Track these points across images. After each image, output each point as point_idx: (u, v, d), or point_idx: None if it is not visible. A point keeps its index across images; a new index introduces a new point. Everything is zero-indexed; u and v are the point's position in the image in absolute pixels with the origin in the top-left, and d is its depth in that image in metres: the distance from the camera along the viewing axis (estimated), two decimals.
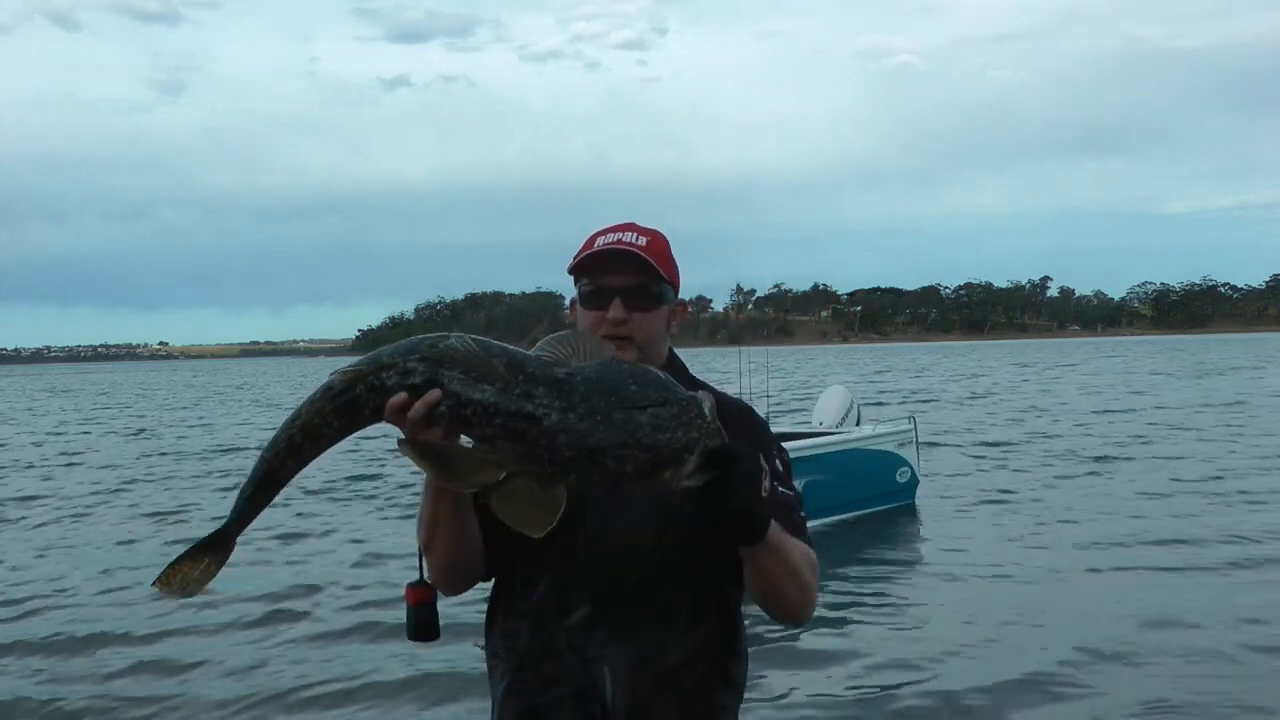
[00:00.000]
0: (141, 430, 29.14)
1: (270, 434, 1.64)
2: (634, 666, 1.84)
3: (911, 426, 12.58)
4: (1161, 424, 21.45)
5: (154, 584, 1.65)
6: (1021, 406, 28.28)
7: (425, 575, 1.95)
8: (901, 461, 12.17)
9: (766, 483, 1.60)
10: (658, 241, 1.95)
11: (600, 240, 1.93)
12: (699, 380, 1.92)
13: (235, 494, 1.65)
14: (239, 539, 1.66)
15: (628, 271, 1.90)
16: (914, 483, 12.42)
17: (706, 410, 1.48)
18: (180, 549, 1.63)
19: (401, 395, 1.55)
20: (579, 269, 1.94)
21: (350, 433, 1.63)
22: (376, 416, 1.59)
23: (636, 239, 1.92)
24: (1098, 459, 16.19)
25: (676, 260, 2.00)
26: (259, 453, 1.63)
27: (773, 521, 1.69)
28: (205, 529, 1.73)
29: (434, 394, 1.54)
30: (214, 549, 1.65)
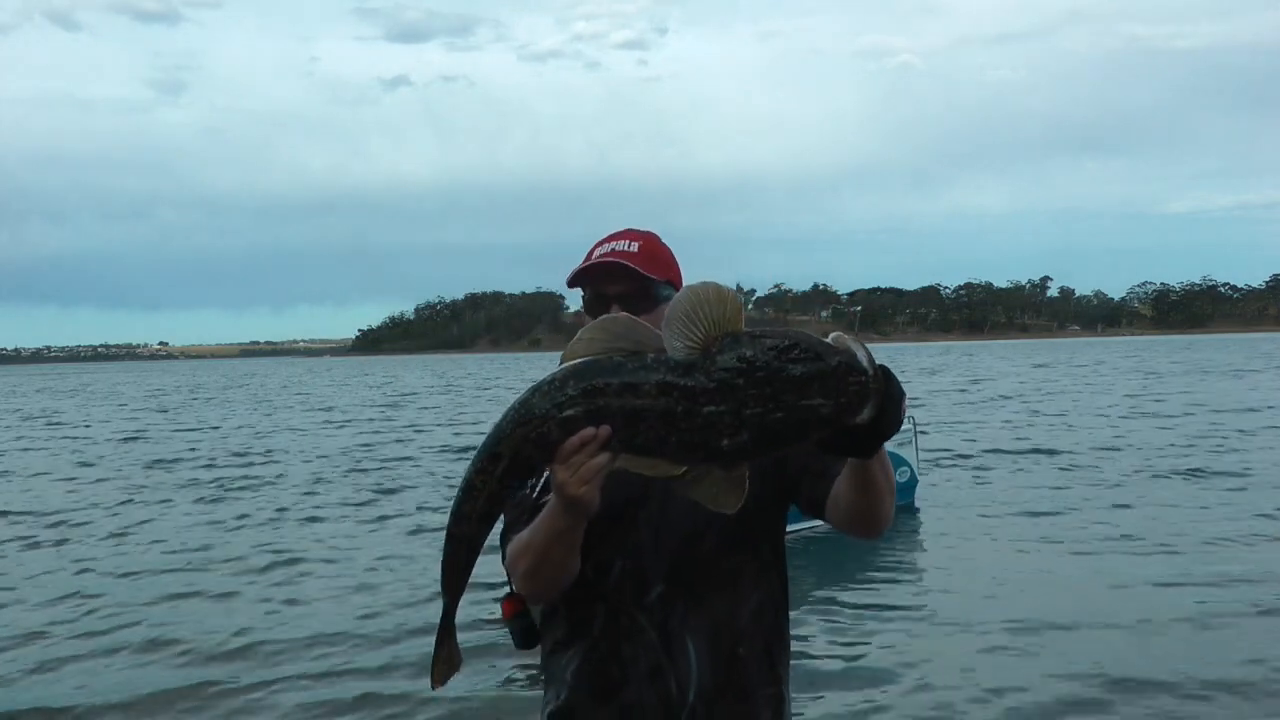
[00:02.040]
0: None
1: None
2: (712, 635, 1.93)
3: (911, 426, 12.61)
4: (1187, 431, 20.78)
5: (434, 686, 1.84)
6: (1045, 409, 28.00)
7: (514, 587, 1.98)
8: (901, 461, 12.18)
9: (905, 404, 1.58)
10: (649, 244, 2.05)
11: (597, 252, 2.04)
12: None
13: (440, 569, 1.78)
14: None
15: (624, 279, 2.00)
16: (913, 482, 12.44)
17: (864, 360, 1.46)
18: None
19: (572, 441, 1.56)
20: (579, 282, 2.05)
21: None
22: (548, 463, 1.62)
23: (629, 246, 2.03)
24: (1110, 462, 15.94)
25: (675, 256, 2.10)
26: (447, 527, 1.71)
27: None
28: None
29: (604, 431, 1.54)
30: (448, 632, 1.82)
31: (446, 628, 1.80)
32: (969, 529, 11.05)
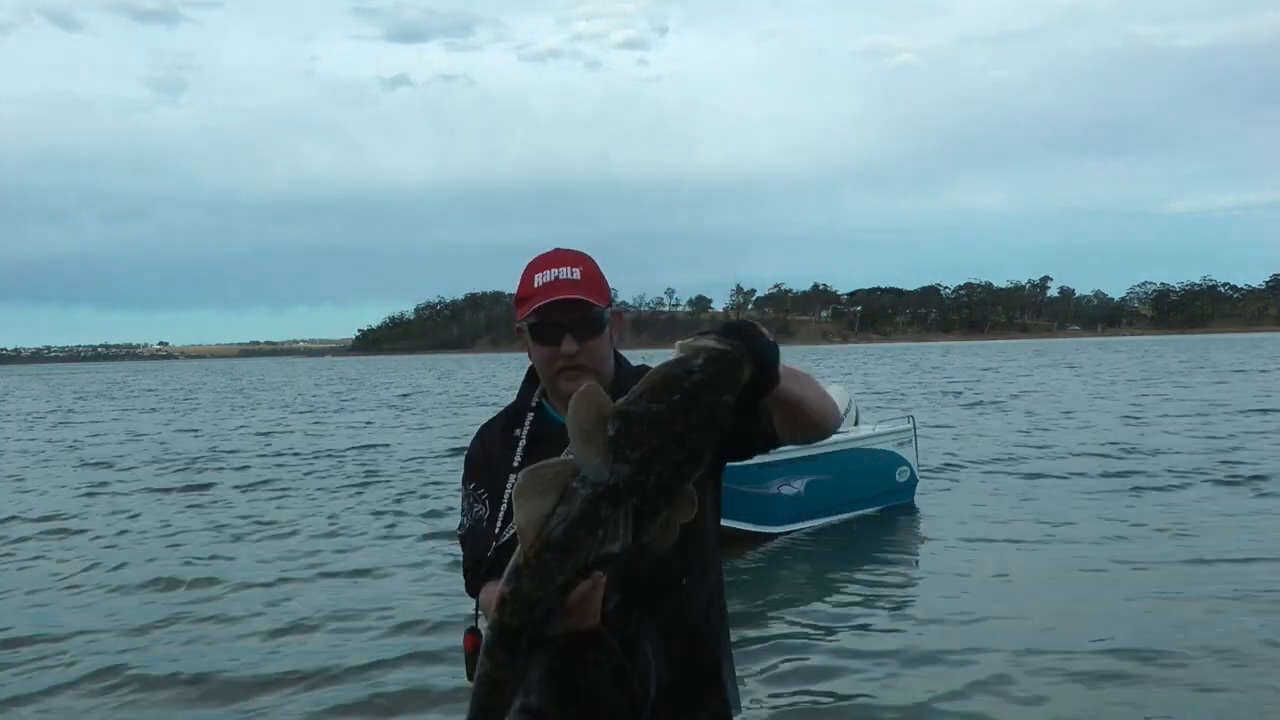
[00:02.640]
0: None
1: None
2: (666, 635, 2.07)
3: (910, 426, 12.59)
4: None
5: None
6: (1051, 410, 27.81)
7: (478, 625, 2.06)
8: (901, 461, 12.18)
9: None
10: (589, 269, 2.10)
11: (538, 278, 2.07)
12: (640, 367, 2.13)
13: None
14: None
15: (574, 307, 2.04)
16: (913, 482, 12.43)
17: (716, 343, 1.60)
18: None
19: (573, 599, 1.66)
20: (529, 312, 2.07)
21: None
22: (562, 623, 1.71)
23: (572, 273, 2.06)
24: (1124, 464, 15.66)
25: (605, 275, 2.14)
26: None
27: None
28: None
29: (598, 577, 1.65)
30: None
31: None
32: (973, 534, 10.86)
